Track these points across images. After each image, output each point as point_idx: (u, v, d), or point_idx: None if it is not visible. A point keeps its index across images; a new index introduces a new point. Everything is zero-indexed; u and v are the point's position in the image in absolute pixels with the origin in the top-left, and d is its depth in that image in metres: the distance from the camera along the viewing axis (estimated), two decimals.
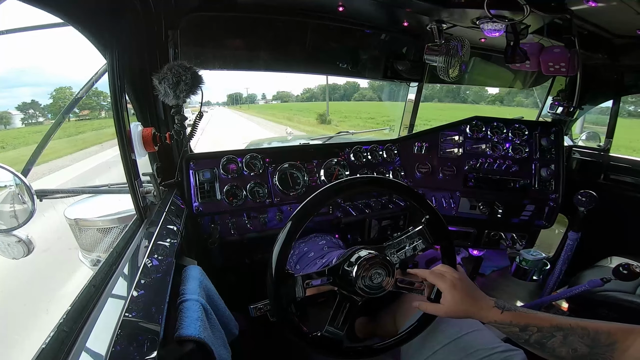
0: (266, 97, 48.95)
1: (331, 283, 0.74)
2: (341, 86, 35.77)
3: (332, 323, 0.74)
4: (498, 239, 1.70)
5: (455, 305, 0.66)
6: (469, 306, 0.65)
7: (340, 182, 0.76)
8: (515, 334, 0.63)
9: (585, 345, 0.57)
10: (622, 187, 1.73)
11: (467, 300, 0.66)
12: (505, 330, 0.64)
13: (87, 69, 0.97)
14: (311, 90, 46.15)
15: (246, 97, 46.38)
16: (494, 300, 0.66)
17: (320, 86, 39.58)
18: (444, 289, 0.68)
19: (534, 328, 0.61)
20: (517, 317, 0.62)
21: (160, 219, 0.88)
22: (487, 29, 1.13)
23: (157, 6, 0.98)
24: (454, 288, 0.67)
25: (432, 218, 0.79)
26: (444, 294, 0.68)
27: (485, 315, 0.64)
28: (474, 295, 0.67)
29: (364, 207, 1.45)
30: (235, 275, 1.45)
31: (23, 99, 15.71)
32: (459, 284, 0.67)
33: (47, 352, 0.46)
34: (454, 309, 0.67)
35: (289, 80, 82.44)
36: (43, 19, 0.69)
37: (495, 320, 0.64)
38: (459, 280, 0.68)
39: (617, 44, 1.43)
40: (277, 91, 51.27)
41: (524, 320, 0.62)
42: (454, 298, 0.66)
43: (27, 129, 14.42)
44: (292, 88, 71.26)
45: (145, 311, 0.53)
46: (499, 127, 1.63)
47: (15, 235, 0.77)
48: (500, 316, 0.63)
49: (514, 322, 0.62)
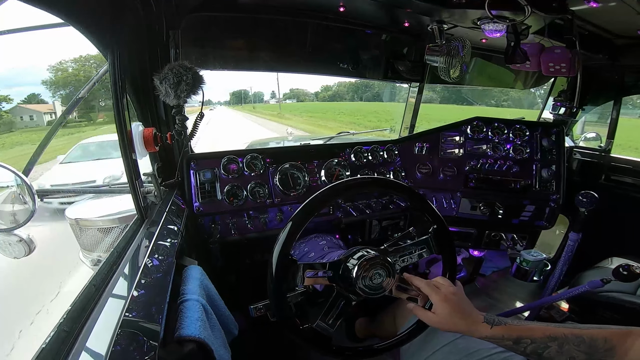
0: (276, 95, 41.20)
1: (330, 278, 0.74)
2: (375, 84, 23.83)
3: (324, 318, 0.74)
4: (499, 239, 1.69)
5: (444, 318, 0.66)
6: (458, 321, 0.66)
7: (347, 181, 0.77)
8: (510, 347, 0.63)
9: (583, 352, 0.57)
10: (623, 187, 1.72)
11: (457, 315, 0.66)
12: (499, 344, 0.64)
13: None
14: (330, 87, 39.88)
15: (252, 95, 40.35)
16: (484, 315, 0.66)
17: (344, 84, 35.36)
18: (436, 302, 0.68)
19: (527, 340, 0.60)
20: (508, 331, 0.62)
21: (160, 219, 0.88)
22: (488, 29, 1.13)
23: (158, 6, 0.98)
24: (445, 302, 0.67)
25: (439, 228, 0.80)
26: (435, 307, 0.68)
27: (475, 330, 0.64)
28: (465, 310, 0.67)
29: (364, 208, 1.45)
30: (236, 275, 1.46)
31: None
32: (451, 299, 0.67)
33: (47, 351, 0.46)
34: (443, 322, 0.67)
35: (298, 76, 79.04)
36: (43, 19, 0.69)
37: (485, 336, 0.64)
38: (453, 295, 0.68)
39: (618, 44, 1.43)
40: (290, 89, 44.13)
41: (515, 333, 0.61)
42: (444, 312, 0.66)
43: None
44: (307, 85, 65.37)
45: (145, 311, 0.54)
46: (500, 127, 1.63)
47: (16, 234, 0.78)
48: (490, 331, 0.63)
49: (505, 336, 0.62)
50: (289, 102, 40.76)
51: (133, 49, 0.95)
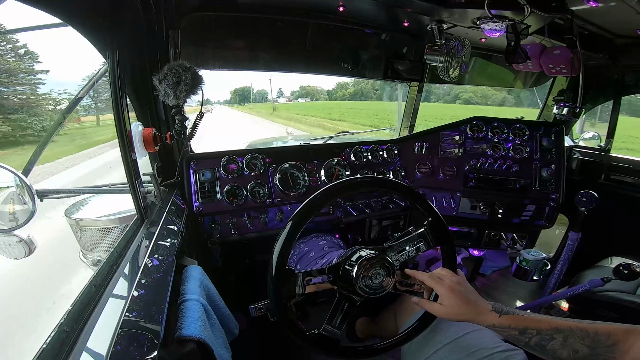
0: (283, 93, 36.82)
1: (331, 281, 0.74)
2: None
3: (330, 322, 0.74)
4: (498, 239, 1.70)
5: (452, 309, 0.66)
6: (466, 310, 0.66)
7: (342, 181, 0.76)
8: (514, 337, 0.63)
9: (586, 346, 0.57)
10: (622, 187, 1.72)
11: (465, 305, 0.66)
12: (504, 333, 0.64)
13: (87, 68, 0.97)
14: (345, 84, 33.00)
15: (256, 94, 35.65)
16: (492, 304, 0.66)
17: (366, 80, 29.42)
18: (442, 293, 0.68)
19: (533, 331, 0.61)
20: (516, 320, 0.62)
21: (160, 219, 0.88)
22: (487, 29, 1.13)
23: (157, 6, 0.98)
24: (452, 292, 0.67)
25: (434, 220, 0.79)
26: (442, 298, 0.68)
27: (483, 319, 0.64)
28: (471, 299, 0.67)
29: (364, 207, 1.45)
30: (236, 275, 1.46)
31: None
32: (457, 288, 0.67)
33: (47, 351, 0.46)
34: (451, 312, 0.67)
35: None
36: (43, 19, 0.69)
37: (493, 324, 0.64)
38: (458, 284, 0.68)
39: (618, 44, 1.43)
40: (300, 86, 38.57)
41: (522, 324, 0.62)
42: (451, 302, 0.66)
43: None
44: (318, 83, 59.35)
45: (145, 311, 0.54)
46: (500, 127, 1.63)
47: (17, 235, 0.78)
48: (498, 320, 0.63)
49: (512, 326, 0.62)
50: (300, 101, 35.63)
51: (132, 49, 0.95)
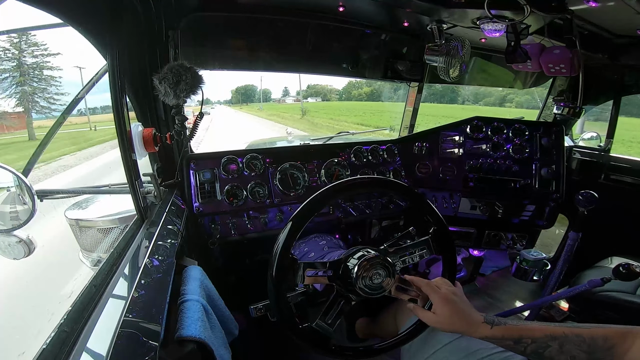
0: (289, 92, 33.43)
1: (330, 277, 0.74)
2: None
3: (324, 318, 0.74)
4: (498, 239, 1.70)
5: (443, 318, 0.67)
6: (457, 321, 0.66)
7: (355, 178, 0.78)
8: (510, 347, 0.63)
9: (583, 351, 0.57)
10: (622, 187, 1.72)
11: (456, 316, 0.66)
12: (499, 344, 0.64)
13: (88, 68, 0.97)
14: (359, 84, 29.80)
15: (260, 92, 32.52)
16: (484, 315, 0.66)
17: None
18: (436, 302, 0.68)
19: (527, 340, 0.61)
20: (509, 331, 0.62)
21: (160, 220, 0.88)
22: (487, 29, 1.13)
23: (157, 6, 0.98)
24: (446, 302, 0.67)
25: (439, 229, 0.80)
26: (435, 307, 0.68)
27: (474, 331, 0.65)
28: (464, 311, 0.67)
29: (364, 208, 1.45)
30: (236, 276, 1.46)
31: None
32: (451, 298, 0.68)
33: (48, 352, 0.46)
34: (442, 322, 0.67)
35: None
36: (43, 19, 0.69)
37: (485, 336, 0.64)
38: (453, 295, 0.69)
39: (618, 44, 1.43)
40: (308, 85, 34.55)
41: (516, 333, 0.62)
42: (444, 312, 0.67)
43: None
44: (327, 82, 54.10)
45: (145, 311, 0.53)
46: (500, 127, 1.63)
47: (16, 235, 0.78)
48: (490, 332, 0.63)
49: (506, 336, 0.62)
50: (310, 101, 32.66)
51: (132, 49, 0.95)
